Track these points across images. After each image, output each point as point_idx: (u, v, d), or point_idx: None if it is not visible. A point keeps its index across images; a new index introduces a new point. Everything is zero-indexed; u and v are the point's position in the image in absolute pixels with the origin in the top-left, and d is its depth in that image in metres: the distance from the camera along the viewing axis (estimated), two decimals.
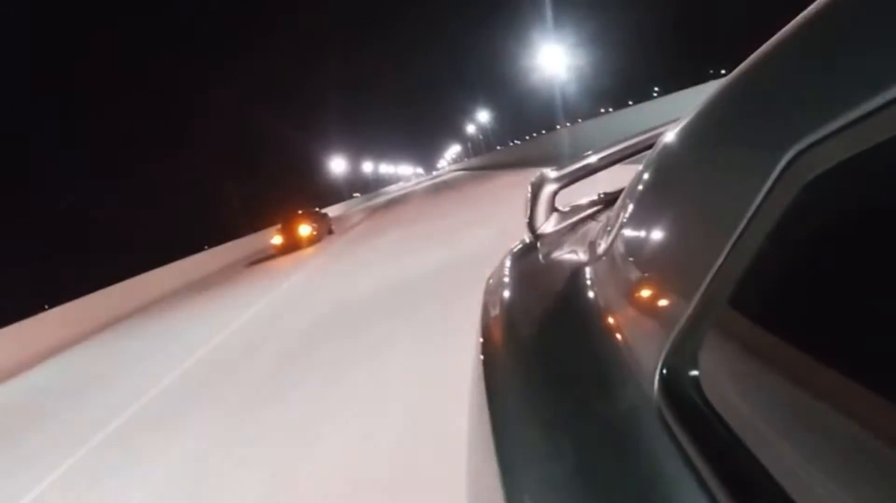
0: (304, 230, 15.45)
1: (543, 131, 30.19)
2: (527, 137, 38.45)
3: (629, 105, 18.70)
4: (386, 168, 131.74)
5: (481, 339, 0.88)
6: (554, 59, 30.61)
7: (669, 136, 0.60)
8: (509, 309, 0.90)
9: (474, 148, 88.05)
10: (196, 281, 15.13)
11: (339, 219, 25.11)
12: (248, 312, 6.89)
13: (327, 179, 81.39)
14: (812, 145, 0.33)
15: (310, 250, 14.12)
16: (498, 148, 39.99)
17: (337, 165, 74.66)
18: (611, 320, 0.60)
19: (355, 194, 69.77)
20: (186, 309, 9.67)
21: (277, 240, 15.68)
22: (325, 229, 17.27)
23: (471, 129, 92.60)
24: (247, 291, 9.24)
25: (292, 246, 15.80)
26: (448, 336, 3.31)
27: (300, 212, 17.03)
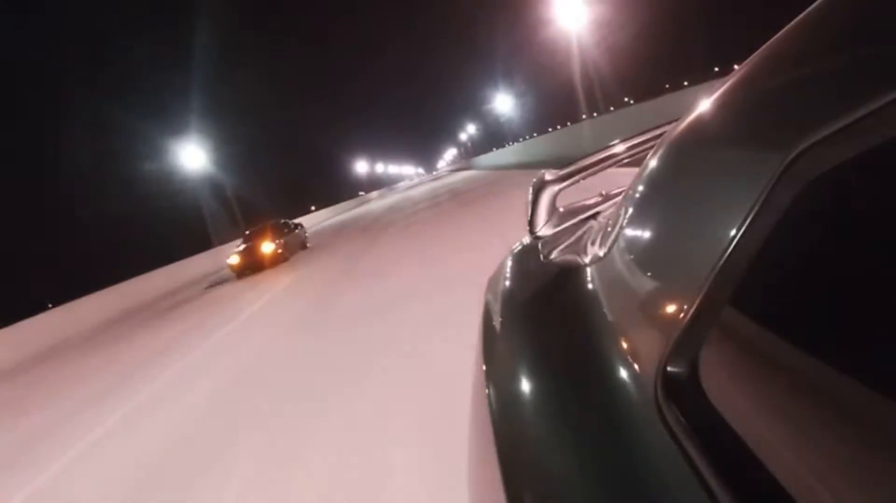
0: (267, 248, 11.93)
1: (517, 140, 40.65)
2: (509, 143, 50.21)
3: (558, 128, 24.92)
4: (392, 169, 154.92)
5: (482, 339, 0.83)
6: (505, 100, 52.49)
7: (670, 135, 0.58)
8: (510, 310, 0.83)
9: (467, 152, 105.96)
10: None
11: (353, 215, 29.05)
12: None
13: (341, 178, 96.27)
14: (814, 145, 0.32)
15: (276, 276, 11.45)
16: (494, 149, 41.16)
17: (347, 166, 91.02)
18: (611, 320, 0.58)
19: (360, 193, 72.87)
20: None
21: (234, 259, 11.63)
22: (297, 245, 13.03)
23: (463, 137, 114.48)
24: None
25: (253, 266, 12.87)
26: None
27: (266, 225, 12.50)
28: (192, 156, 25.33)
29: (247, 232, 14.14)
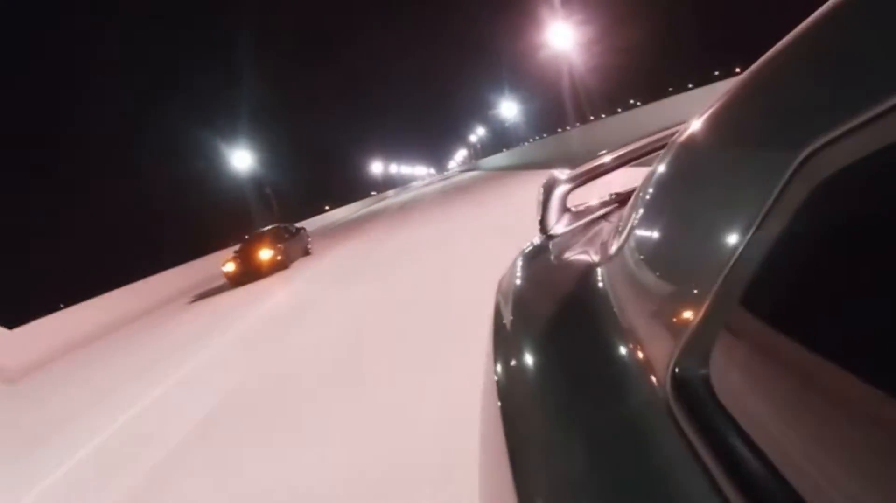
0: (265, 254, 11.67)
1: (525, 142, 44.19)
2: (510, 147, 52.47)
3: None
4: (405, 169, 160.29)
5: (493, 339, 0.81)
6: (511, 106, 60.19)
7: (681, 136, 0.59)
8: (521, 309, 0.83)
9: (476, 153, 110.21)
10: None
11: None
12: None
13: (356, 179, 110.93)
14: (824, 146, 0.32)
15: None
16: (504, 150, 46.74)
17: (363, 167, 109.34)
18: (622, 320, 0.59)
19: (372, 193, 74.56)
20: None
21: (229, 267, 11.47)
22: (298, 250, 12.76)
23: (473, 138, 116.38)
24: None
25: (249, 274, 12.23)
26: None
27: (266, 229, 12.17)
28: (240, 158, 31.77)
29: (246, 237, 13.38)
